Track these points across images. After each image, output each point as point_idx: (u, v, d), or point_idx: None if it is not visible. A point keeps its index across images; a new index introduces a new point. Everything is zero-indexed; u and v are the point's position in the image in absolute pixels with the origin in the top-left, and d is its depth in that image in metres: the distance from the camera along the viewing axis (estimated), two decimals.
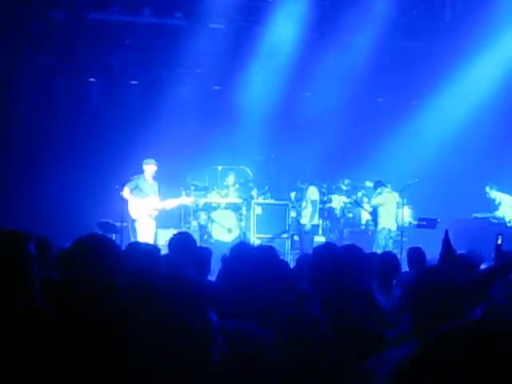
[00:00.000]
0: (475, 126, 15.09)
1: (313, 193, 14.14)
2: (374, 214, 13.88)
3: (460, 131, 15.36)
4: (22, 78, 14.36)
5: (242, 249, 3.74)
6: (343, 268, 4.10)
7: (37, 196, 14.43)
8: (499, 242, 4.33)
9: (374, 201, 13.84)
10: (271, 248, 3.71)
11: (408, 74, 15.49)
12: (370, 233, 14.77)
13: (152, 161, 12.71)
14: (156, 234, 12.78)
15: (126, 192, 12.38)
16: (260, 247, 3.87)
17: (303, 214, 14.14)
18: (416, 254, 7.12)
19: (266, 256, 3.50)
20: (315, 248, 4.56)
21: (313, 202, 14.08)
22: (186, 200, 13.86)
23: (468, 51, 14.74)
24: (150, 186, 12.63)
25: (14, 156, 14.37)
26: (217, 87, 16.18)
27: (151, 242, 11.84)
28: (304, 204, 14.15)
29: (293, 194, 14.70)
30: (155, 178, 12.82)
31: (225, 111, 15.88)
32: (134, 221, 12.51)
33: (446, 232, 4.26)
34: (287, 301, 3.39)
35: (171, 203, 13.15)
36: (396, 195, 13.82)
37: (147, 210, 12.50)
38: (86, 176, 14.72)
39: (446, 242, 4.26)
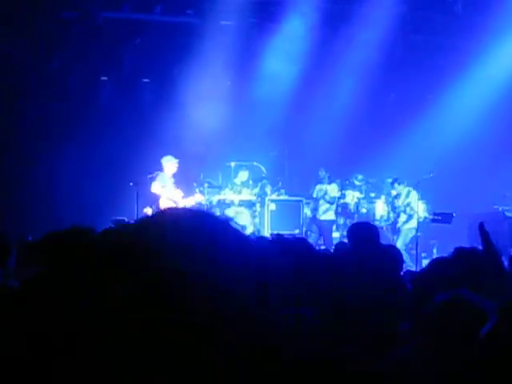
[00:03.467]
0: (489, 118, 15.00)
1: (333, 190, 14.34)
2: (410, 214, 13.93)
3: (474, 124, 15.27)
4: (35, 77, 14.42)
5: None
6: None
7: (50, 195, 14.50)
8: None
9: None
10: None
11: (420, 69, 15.41)
12: (384, 228, 14.72)
13: (173, 158, 12.73)
14: None
15: (156, 188, 12.46)
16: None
17: (321, 209, 14.35)
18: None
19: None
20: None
21: (332, 199, 14.33)
22: (198, 198, 13.95)
23: (480, 45, 14.65)
24: (172, 184, 12.78)
25: (27, 155, 14.44)
26: (228, 83, 16.14)
27: None
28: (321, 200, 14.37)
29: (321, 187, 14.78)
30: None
31: (236, 108, 15.85)
32: None
33: (481, 225, 3.98)
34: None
35: (188, 201, 13.27)
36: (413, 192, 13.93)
37: (178, 204, 12.65)
38: (100, 174, 14.76)
39: (485, 237, 3.99)
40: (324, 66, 15.50)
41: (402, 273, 5.47)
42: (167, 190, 12.58)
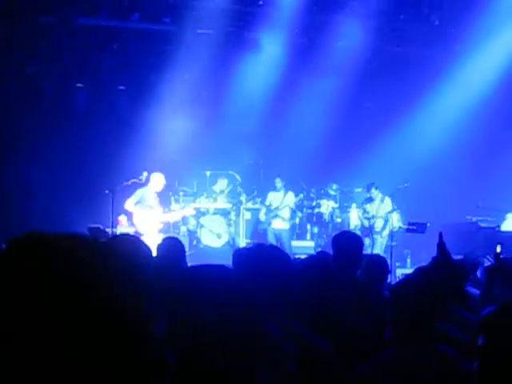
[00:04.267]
0: (464, 129, 15.14)
1: (291, 197, 14.33)
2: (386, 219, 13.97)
3: (448, 135, 15.43)
4: (9, 82, 14.31)
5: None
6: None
7: (24, 202, 14.37)
8: (498, 250, 4.36)
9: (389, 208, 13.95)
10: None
11: (397, 79, 15.51)
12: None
13: (162, 176, 12.48)
14: None
15: (129, 205, 12.14)
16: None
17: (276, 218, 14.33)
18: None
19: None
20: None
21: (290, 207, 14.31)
22: (188, 212, 13.75)
23: (458, 55, 14.81)
24: (154, 200, 12.41)
25: (0, 162, 14.32)
26: (204, 92, 16.14)
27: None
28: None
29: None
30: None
31: (212, 116, 15.86)
32: (139, 235, 11.94)
33: (440, 235, 4.22)
34: None
35: (175, 216, 13.11)
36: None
37: (153, 223, 12.28)
38: (75, 181, 14.67)
39: (440, 246, 4.21)
40: (300, 75, 15.57)
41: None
42: (141, 207, 12.22)
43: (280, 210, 14.04)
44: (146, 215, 12.13)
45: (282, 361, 2.60)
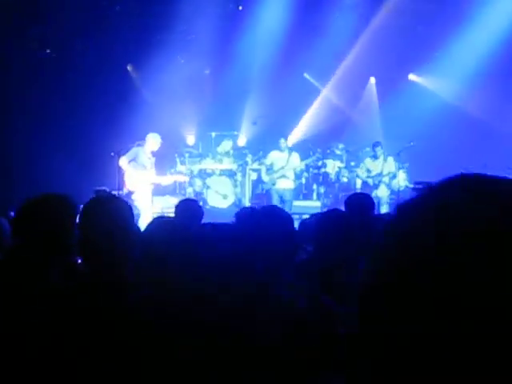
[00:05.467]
0: (474, 86, 15.03)
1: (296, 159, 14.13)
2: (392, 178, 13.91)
3: (457, 92, 15.38)
4: (11, 48, 14.25)
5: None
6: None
7: (29, 165, 14.41)
8: None
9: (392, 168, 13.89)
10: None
11: (406, 34, 15.30)
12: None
13: (158, 136, 12.49)
14: (152, 202, 12.74)
15: (123, 162, 12.24)
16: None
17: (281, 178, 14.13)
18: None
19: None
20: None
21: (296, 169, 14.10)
22: (180, 178, 13.82)
23: (462, 18, 14.62)
24: (148, 160, 12.46)
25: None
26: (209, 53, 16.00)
27: (149, 210, 11.86)
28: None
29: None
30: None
31: (216, 77, 15.80)
32: (130, 192, 12.41)
33: None
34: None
35: (167, 179, 13.12)
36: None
37: (143, 183, 12.39)
38: (80, 144, 14.66)
39: None
40: (303, 46, 15.37)
41: None
42: (134, 166, 12.32)
43: (286, 170, 13.87)
44: (137, 174, 12.21)
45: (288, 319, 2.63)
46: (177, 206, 6.15)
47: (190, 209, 5.97)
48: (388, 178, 13.86)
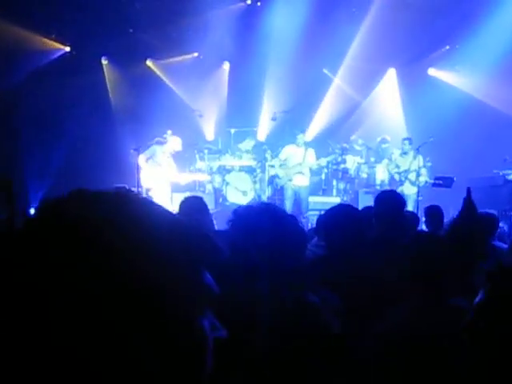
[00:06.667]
0: (492, 80, 14.91)
1: (312, 156, 14.05)
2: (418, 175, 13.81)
3: (476, 87, 15.26)
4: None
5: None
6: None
7: (50, 160, 14.49)
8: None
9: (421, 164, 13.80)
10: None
11: (422, 34, 15.23)
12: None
13: (179, 139, 12.64)
14: (171, 199, 12.79)
15: (141, 160, 12.32)
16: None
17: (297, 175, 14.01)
18: (434, 212, 7.09)
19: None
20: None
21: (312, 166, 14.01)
22: (200, 177, 13.91)
23: (484, 10, 14.50)
24: (166, 159, 12.58)
25: (26, 121, 14.39)
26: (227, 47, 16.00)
27: (168, 207, 11.89)
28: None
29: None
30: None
31: (237, 72, 15.80)
32: (147, 189, 12.49)
33: (469, 190, 4.15)
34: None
35: (185, 178, 13.20)
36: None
37: (160, 180, 12.48)
38: (101, 141, 14.71)
39: (468, 200, 4.14)
40: (321, 38, 15.30)
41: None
42: (151, 164, 12.41)
43: (303, 167, 13.82)
44: (153, 172, 12.31)
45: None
46: (181, 204, 6.09)
47: (194, 206, 5.93)
48: (414, 175, 13.79)
